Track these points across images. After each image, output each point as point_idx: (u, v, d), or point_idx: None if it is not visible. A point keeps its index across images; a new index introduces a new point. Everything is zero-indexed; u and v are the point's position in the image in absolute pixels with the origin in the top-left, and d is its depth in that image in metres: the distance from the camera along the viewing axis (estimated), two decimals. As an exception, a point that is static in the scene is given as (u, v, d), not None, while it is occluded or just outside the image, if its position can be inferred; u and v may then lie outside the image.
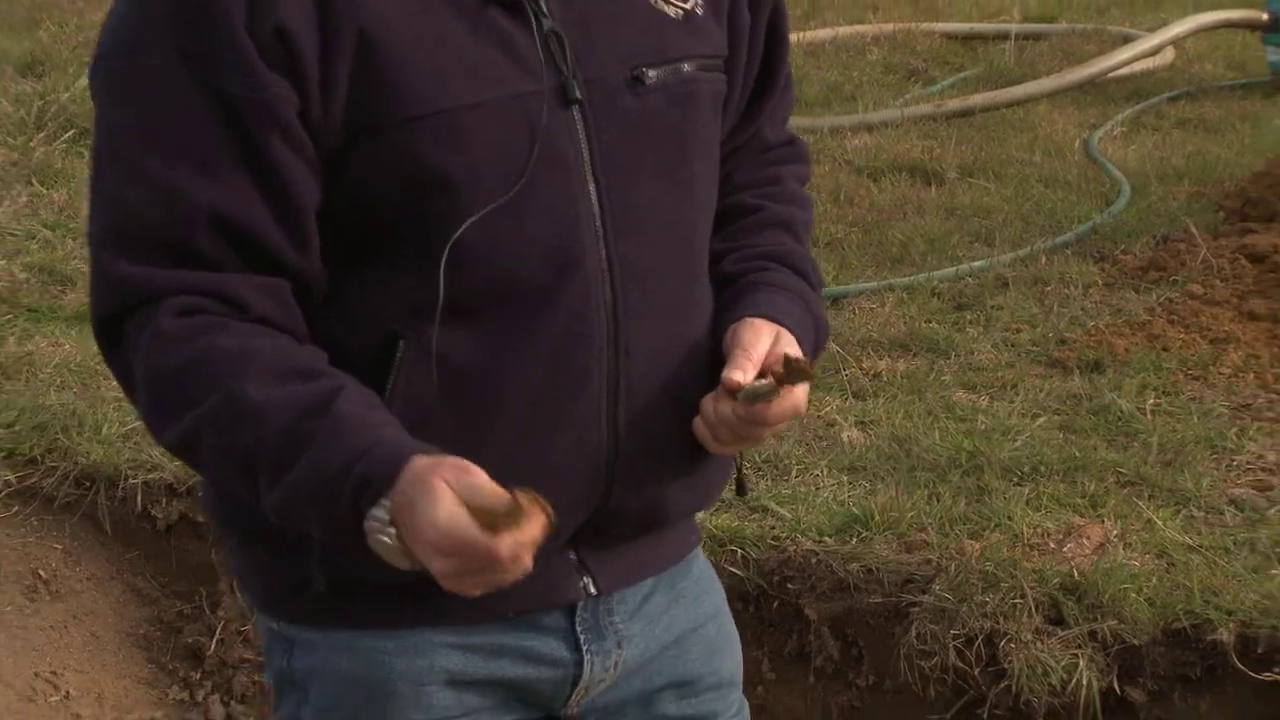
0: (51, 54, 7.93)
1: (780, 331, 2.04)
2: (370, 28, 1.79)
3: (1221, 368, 4.71)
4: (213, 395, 1.86)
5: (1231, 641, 3.64)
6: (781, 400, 1.93)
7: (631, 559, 2.18)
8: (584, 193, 1.93)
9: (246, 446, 1.86)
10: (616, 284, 1.96)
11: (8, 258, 5.92)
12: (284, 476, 1.83)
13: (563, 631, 2.15)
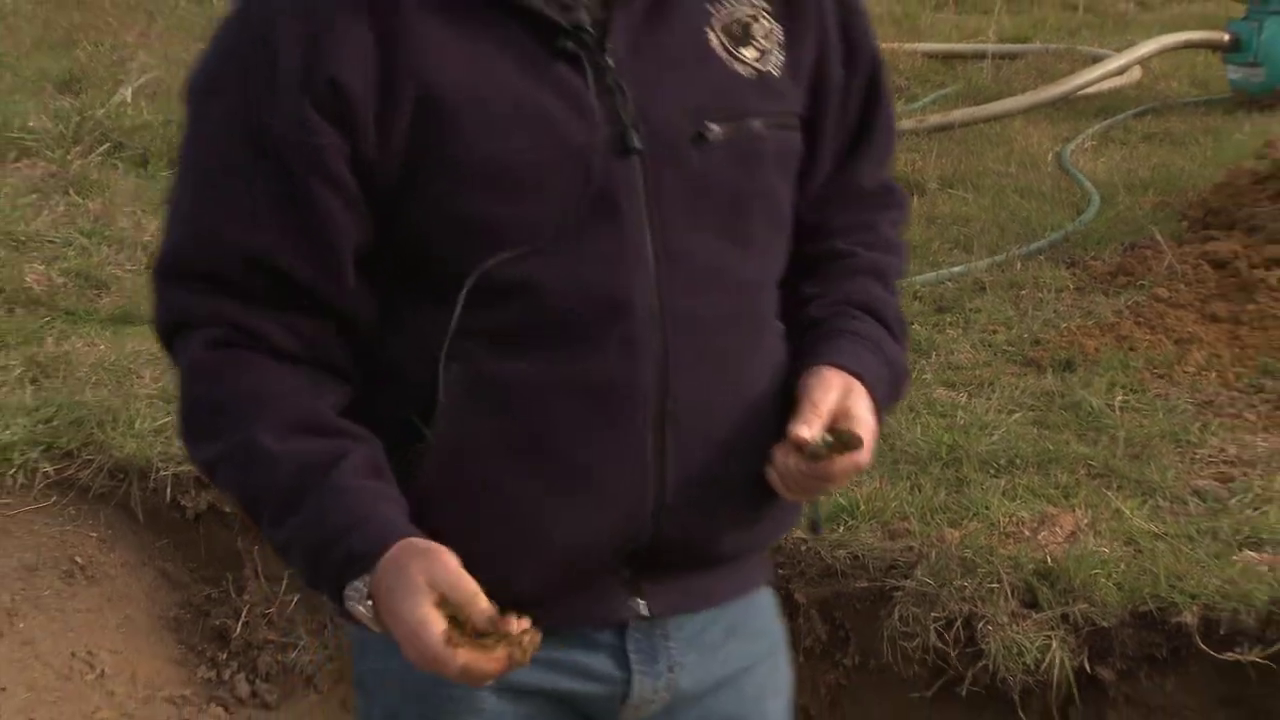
0: (88, 72, 7.91)
1: (851, 383, 1.98)
2: (430, 79, 1.78)
3: (1185, 367, 4.70)
4: (232, 436, 1.88)
5: (1195, 624, 3.63)
6: (843, 459, 1.88)
7: (687, 587, 2.13)
8: (638, 241, 1.89)
9: (255, 489, 1.90)
10: (666, 330, 1.91)
11: (46, 263, 5.91)
12: (282, 525, 1.85)
13: (613, 649, 2.11)
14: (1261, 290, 5.03)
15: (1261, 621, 3.60)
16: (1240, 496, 4.01)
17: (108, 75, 7.76)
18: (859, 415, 1.93)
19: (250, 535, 4.49)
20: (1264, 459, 4.17)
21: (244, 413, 1.89)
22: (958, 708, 3.88)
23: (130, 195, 6.53)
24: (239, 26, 1.88)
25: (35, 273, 5.83)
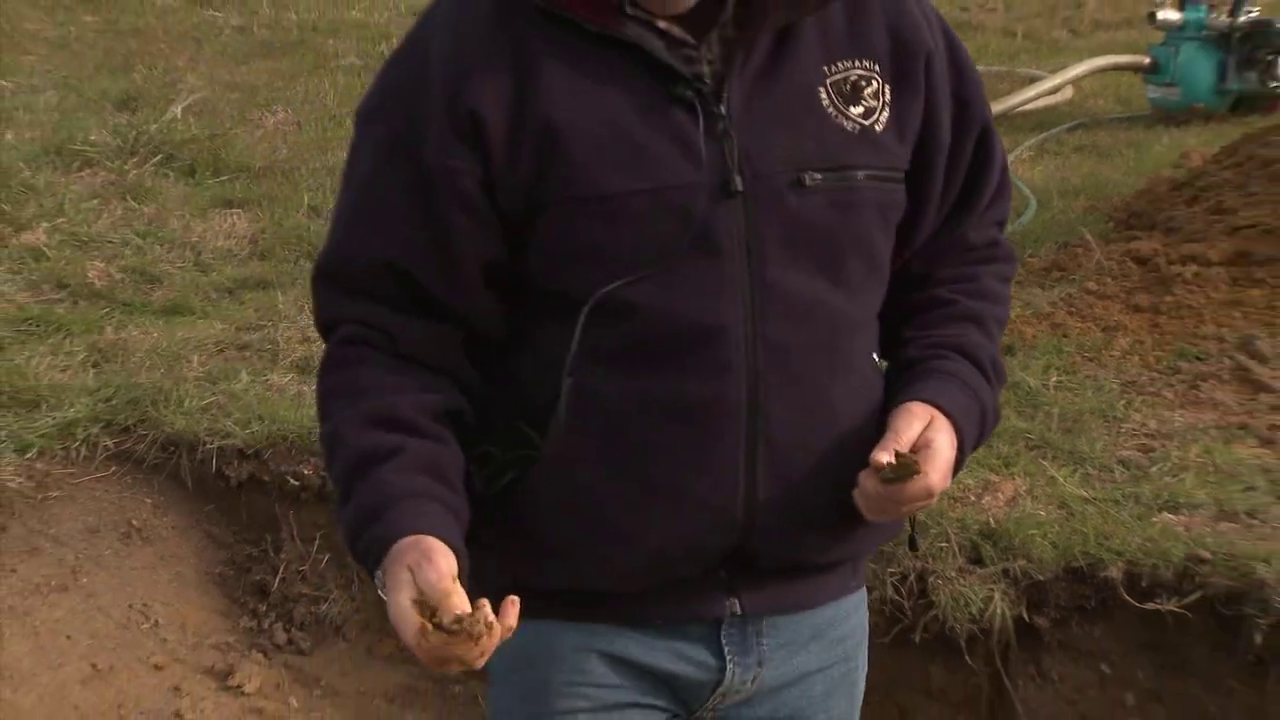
0: (143, 92, 7.90)
1: (935, 417, 1.97)
2: (556, 117, 1.79)
3: (1111, 351, 4.70)
4: (331, 422, 1.98)
5: (1120, 577, 3.64)
6: (915, 483, 1.87)
7: (779, 591, 2.12)
8: (736, 276, 1.88)
9: (334, 472, 1.97)
10: (759, 356, 1.90)
11: (106, 260, 5.90)
12: (342, 508, 1.92)
13: (709, 640, 2.11)
14: (1178, 284, 5.02)
15: (1178, 575, 3.60)
16: (1159, 465, 4.01)
17: (160, 95, 7.74)
18: (936, 446, 1.92)
19: (286, 501, 4.50)
20: (1180, 432, 4.16)
21: (344, 403, 1.96)
22: (912, 653, 3.88)
23: (180, 201, 6.52)
24: (402, 63, 1.94)
25: (96, 269, 5.82)
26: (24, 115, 7.56)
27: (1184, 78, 7.41)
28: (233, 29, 9.46)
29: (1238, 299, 4.91)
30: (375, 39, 9.23)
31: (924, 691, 3.93)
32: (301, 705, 4.27)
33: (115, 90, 7.98)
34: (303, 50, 9.00)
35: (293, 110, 7.76)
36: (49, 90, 8.02)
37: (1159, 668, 3.68)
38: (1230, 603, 3.54)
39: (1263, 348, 4.57)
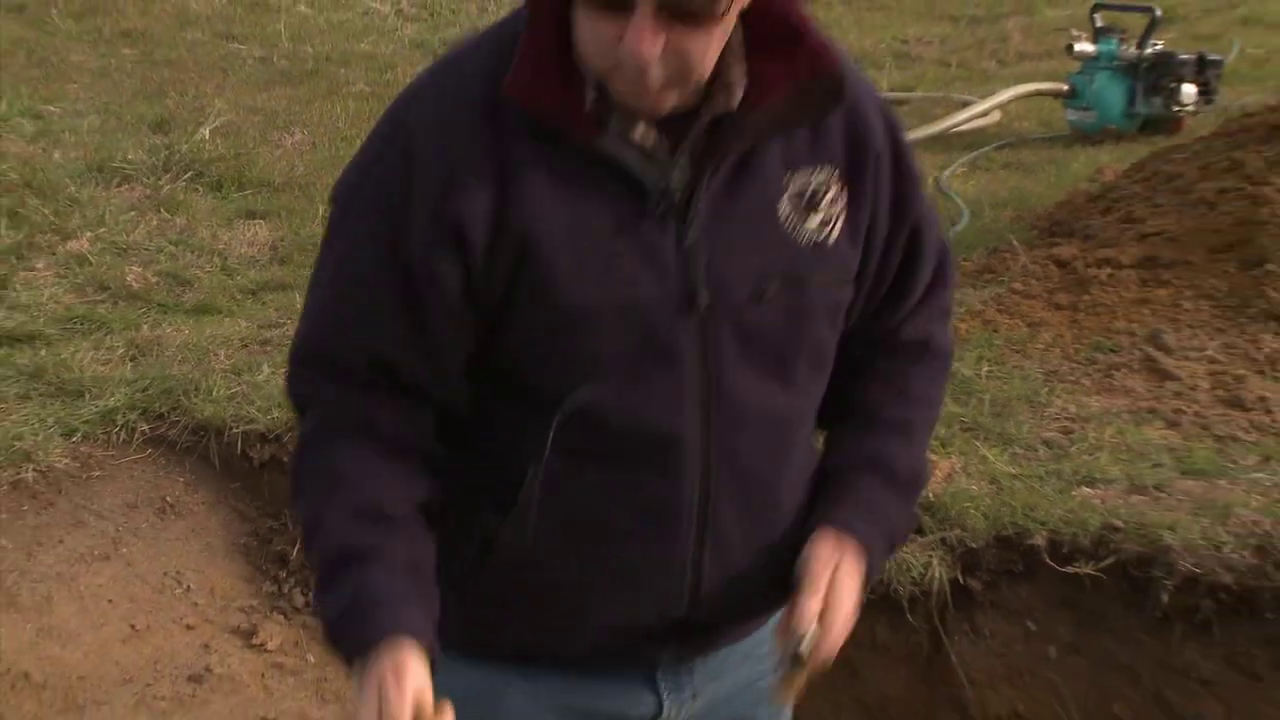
0: (175, 116, 7.87)
1: (842, 558, 1.91)
2: (533, 228, 1.73)
3: (1036, 344, 4.70)
4: (312, 504, 1.89)
5: (1043, 545, 3.65)
6: (814, 660, 1.87)
7: (711, 638, 2.09)
8: (694, 386, 1.82)
9: (314, 556, 1.90)
10: (711, 462, 1.86)
11: (142, 266, 5.89)
12: (321, 594, 1.87)
13: (647, 681, 2.07)
14: (1094, 285, 5.03)
15: (1094, 543, 3.62)
16: (1078, 445, 4.02)
17: (190, 119, 7.71)
18: (836, 602, 1.88)
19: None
20: (1096, 416, 4.17)
21: (324, 488, 1.88)
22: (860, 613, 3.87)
23: (208, 213, 6.50)
24: (385, 154, 1.84)
25: (134, 273, 5.80)
26: (70, 137, 7.54)
27: (1098, 103, 7.44)
28: (255, 60, 9.43)
29: (1146, 298, 4.91)
30: (382, 69, 9.21)
31: (871, 647, 3.93)
32: (318, 661, 4.26)
33: (150, 114, 7.95)
34: (317, 79, 8.98)
35: (308, 132, 7.74)
36: (92, 115, 7.99)
37: (1078, 624, 3.68)
38: (1140, 566, 3.56)
39: (1168, 341, 4.58)
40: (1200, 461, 3.87)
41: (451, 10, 10.74)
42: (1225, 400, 4.25)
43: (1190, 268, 5.01)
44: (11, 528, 4.31)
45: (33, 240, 6.14)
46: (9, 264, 5.90)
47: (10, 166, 6.88)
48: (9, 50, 9.44)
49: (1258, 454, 3.90)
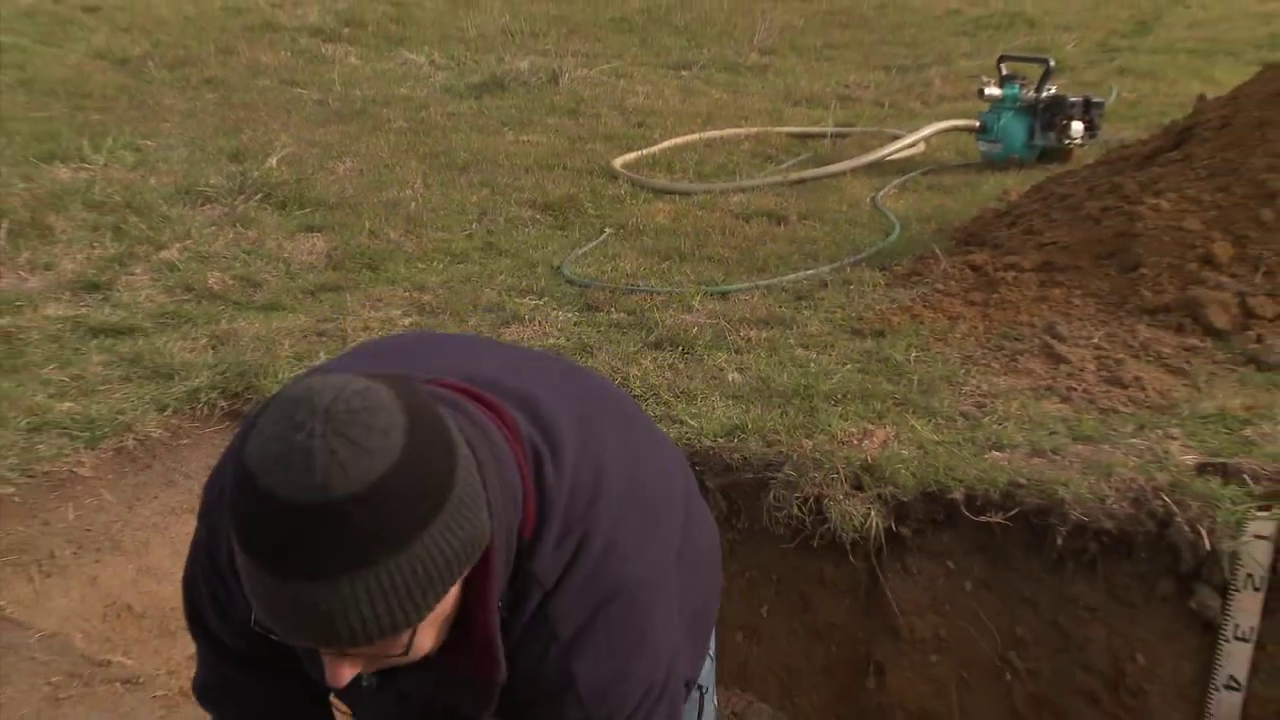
0: (248, 148, 7.85)
1: None
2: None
3: (954, 334, 4.70)
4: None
5: (961, 499, 3.65)
6: None
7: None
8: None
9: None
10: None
11: (221, 271, 5.88)
12: None
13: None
14: (1001, 285, 5.02)
15: (1002, 496, 3.61)
16: (989, 416, 4.01)
17: (260, 150, 7.70)
18: None
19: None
20: (1004, 393, 4.15)
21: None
22: (810, 555, 3.88)
23: (274, 227, 6.49)
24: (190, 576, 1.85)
25: (214, 277, 5.78)
26: (163, 166, 7.52)
27: (1004, 136, 7.44)
28: (313, 102, 9.40)
29: (1044, 296, 4.91)
30: (417, 108, 9.17)
31: (819, 583, 3.94)
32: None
33: (228, 147, 7.93)
34: (364, 117, 8.94)
35: (357, 160, 7.71)
36: (180, 147, 7.96)
37: (989, 563, 3.69)
38: (1039, 516, 3.56)
39: (1062, 331, 4.57)
40: (1088, 430, 3.86)
41: (474, 61, 10.70)
42: (1108, 379, 4.25)
43: (1079, 271, 5.00)
44: (116, 486, 4.30)
45: (132, 251, 6.12)
46: (113, 270, 5.89)
47: (115, 190, 6.87)
48: (115, 96, 9.43)
49: (1134, 423, 3.89)
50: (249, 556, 1.27)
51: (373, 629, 1.28)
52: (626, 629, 1.51)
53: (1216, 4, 12.10)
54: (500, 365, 1.63)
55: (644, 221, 6.46)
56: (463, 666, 1.49)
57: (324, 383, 1.29)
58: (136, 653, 3.78)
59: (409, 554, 1.25)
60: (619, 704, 1.54)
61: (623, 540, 1.53)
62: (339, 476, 1.21)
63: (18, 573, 3.90)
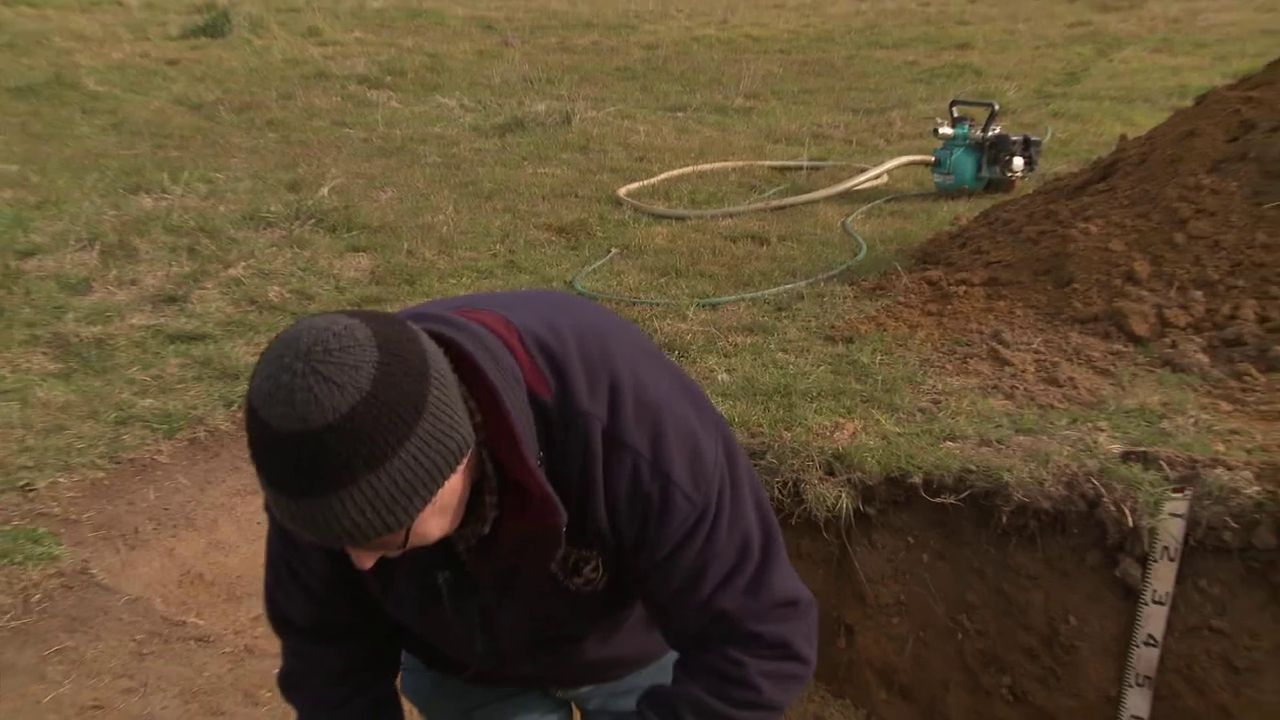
0: (304, 179, 7.86)
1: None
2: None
3: (914, 340, 4.70)
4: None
5: (919, 483, 3.65)
6: None
7: (565, 680, 2.01)
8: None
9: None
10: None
11: (280, 285, 5.88)
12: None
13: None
14: (954, 298, 5.02)
15: (955, 480, 3.62)
16: (944, 411, 4.00)
17: (314, 181, 7.70)
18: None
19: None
20: (956, 391, 4.15)
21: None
22: (789, 531, 3.86)
23: (326, 248, 6.49)
24: (269, 566, 1.80)
25: (275, 291, 5.78)
26: (231, 195, 7.52)
27: (956, 170, 7.43)
28: (360, 140, 9.40)
29: (990, 307, 4.90)
30: (448, 145, 9.18)
31: (797, 555, 3.92)
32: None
33: (286, 179, 7.94)
34: (403, 153, 8.94)
35: (396, 190, 7.71)
36: (246, 179, 7.96)
37: (943, 538, 3.69)
38: (987, 497, 3.56)
39: (1006, 338, 4.57)
40: (1028, 423, 3.86)
41: (498, 105, 10.69)
42: (1046, 379, 4.24)
43: (1020, 286, 5.00)
44: (190, 471, 4.30)
45: (204, 269, 6.13)
46: (188, 285, 5.89)
47: (190, 216, 6.88)
48: (191, 136, 9.44)
49: (1068, 418, 3.89)
50: (260, 477, 1.31)
51: (367, 531, 1.30)
52: (683, 434, 1.53)
53: (1134, 59, 12.18)
54: (489, 297, 1.65)
55: (645, 242, 6.46)
56: (527, 522, 1.50)
57: (309, 324, 1.32)
58: (207, 615, 3.78)
59: (386, 470, 1.27)
60: (708, 489, 1.54)
61: (645, 375, 1.53)
62: (314, 410, 1.23)
63: (107, 545, 3.91)
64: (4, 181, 7.77)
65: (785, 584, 1.67)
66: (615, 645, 1.84)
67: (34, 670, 3.27)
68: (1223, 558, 3.29)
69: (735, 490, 1.59)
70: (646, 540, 1.55)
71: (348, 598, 1.73)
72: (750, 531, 1.61)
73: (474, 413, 1.42)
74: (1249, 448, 3.58)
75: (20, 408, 4.57)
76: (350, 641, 1.81)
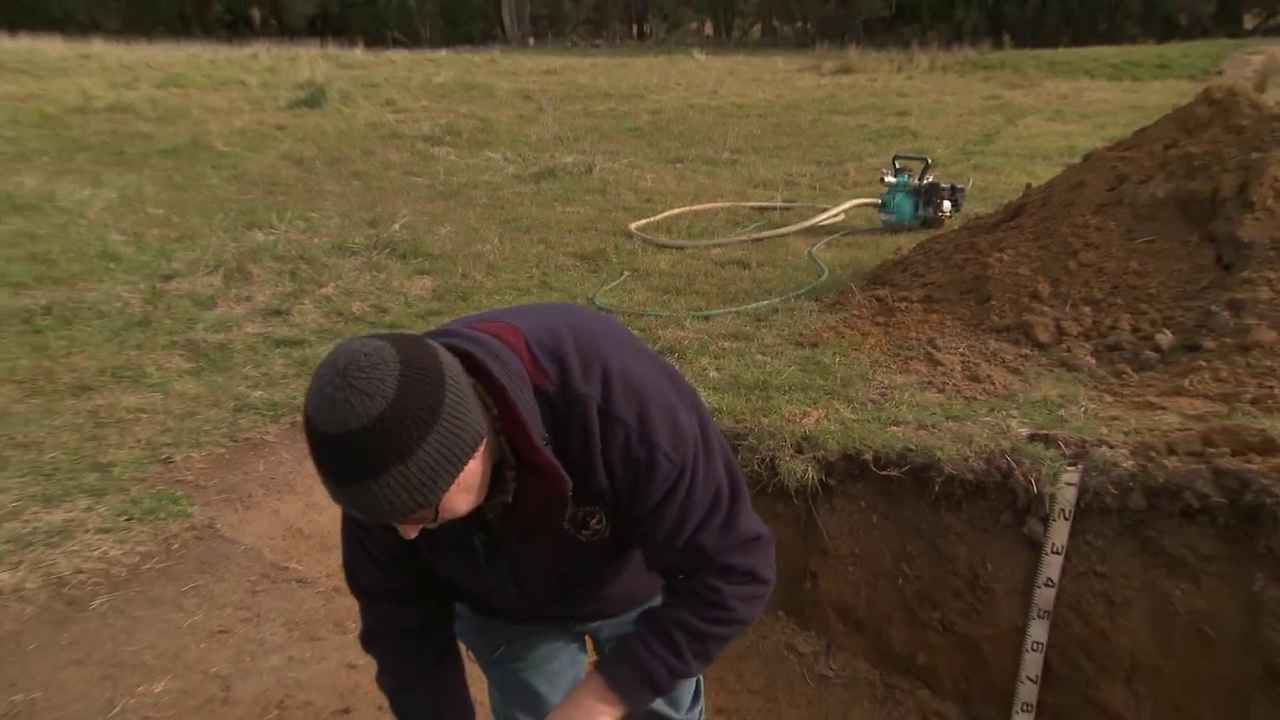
0: (381, 217, 7.85)
1: (585, 687, 1.69)
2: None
3: (865, 345, 4.69)
4: (385, 686, 1.87)
5: (870, 459, 3.63)
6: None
7: (582, 615, 1.98)
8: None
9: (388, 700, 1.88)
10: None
11: (361, 301, 5.89)
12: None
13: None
14: (898, 312, 5.01)
15: (898, 457, 3.60)
16: (890, 402, 3.99)
17: (388, 219, 7.71)
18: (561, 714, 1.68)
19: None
20: (899, 386, 4.14)
21: (382, 673, 1.87)
22: (766, 498, 3.85)
23: (397, 272, 6.49)
24: (345, 544, 1.78)
25: (357, 305, 5.78)
26: (324, 229, 7.53)
27: (898, 210, 7.42)
28: (424, 185, 9.41)
29: (926, 319, 4.89)
30: (494, 189, 9.18)
31: (772, 517, 3.90)
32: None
33: (367, 217, 7.94)
34: (459, 195, 8.95)
35: (454, 225, 7.71)
36: (335, 218, 7.97)
37: (889, 503, 3.67)
38: (924, 470, 3.55)
39: (939, 344, 4.56)
40: (956, 411, 3.86)
41: (534, 157, 10.69)
42: (970, 377, 4.24)
43: (949, 302, 5.00)
44: (290, 448, 4.30)
45: (302, 288, 6.13)
46: (290, 301, 5.90)
47: (291, 247, 6.89)
48: (294, 184, 9.46)
49: (987, 408, 3.89)
50: (318, 471, 1.34)
51: (403, 509, 1.32)
52: (663, 408, 1.53)
53: (1034, 125, 12.31)
54: (511, 310, 1.65)
55: (651, 267, 6.46)
56: (536, 492, 1.51)
57: (346, 348, 1.34)
58: (305, 562, 3.79)
59: (414, 460, 1.29)
60: (685, 451, 1.54)
61: (630, 363, 1.55)
62: (351, 417, 1.27)
63: (228, 506, 3.92)
64: (153, 222, 7.80)
65: (750, 524, 1.68)
66: (619, 584, 1.84)
67: (174, 602, 3.29)
68: (1105, 517, 3.30)
69: (708, 453, 1.60)
70: (638, 495, 1.55)
71: (408, 565, 1.74)
72: (721, 484, 1.62)
73: (490, 407, 1.43)
74: (1126, 430, 3.58)
75: (162, 398, 4.59)
76: (414, 602, 1.82)
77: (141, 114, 13.24)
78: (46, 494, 3.71)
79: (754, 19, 44.91)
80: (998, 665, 3.52)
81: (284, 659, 3.06)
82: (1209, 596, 3.18)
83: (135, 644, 3.06)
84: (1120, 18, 35.03)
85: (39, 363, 4.93)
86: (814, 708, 3.71)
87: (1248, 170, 4.70)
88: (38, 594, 3.19)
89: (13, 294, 5.96)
